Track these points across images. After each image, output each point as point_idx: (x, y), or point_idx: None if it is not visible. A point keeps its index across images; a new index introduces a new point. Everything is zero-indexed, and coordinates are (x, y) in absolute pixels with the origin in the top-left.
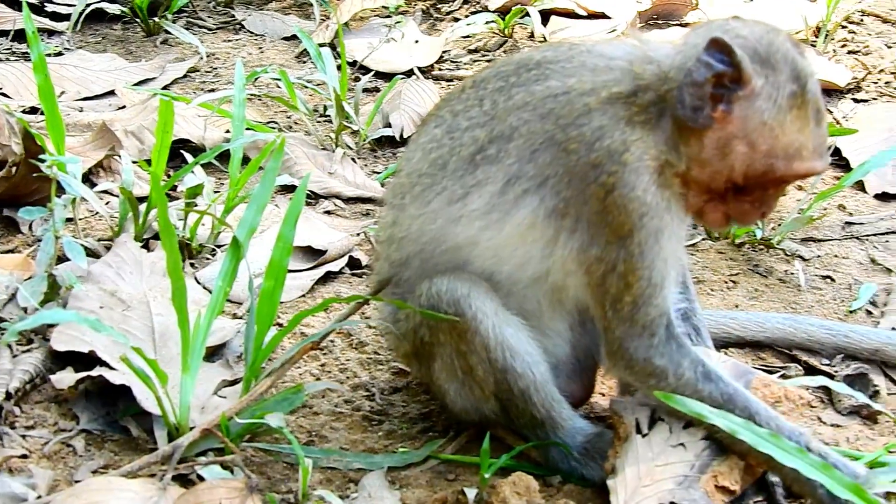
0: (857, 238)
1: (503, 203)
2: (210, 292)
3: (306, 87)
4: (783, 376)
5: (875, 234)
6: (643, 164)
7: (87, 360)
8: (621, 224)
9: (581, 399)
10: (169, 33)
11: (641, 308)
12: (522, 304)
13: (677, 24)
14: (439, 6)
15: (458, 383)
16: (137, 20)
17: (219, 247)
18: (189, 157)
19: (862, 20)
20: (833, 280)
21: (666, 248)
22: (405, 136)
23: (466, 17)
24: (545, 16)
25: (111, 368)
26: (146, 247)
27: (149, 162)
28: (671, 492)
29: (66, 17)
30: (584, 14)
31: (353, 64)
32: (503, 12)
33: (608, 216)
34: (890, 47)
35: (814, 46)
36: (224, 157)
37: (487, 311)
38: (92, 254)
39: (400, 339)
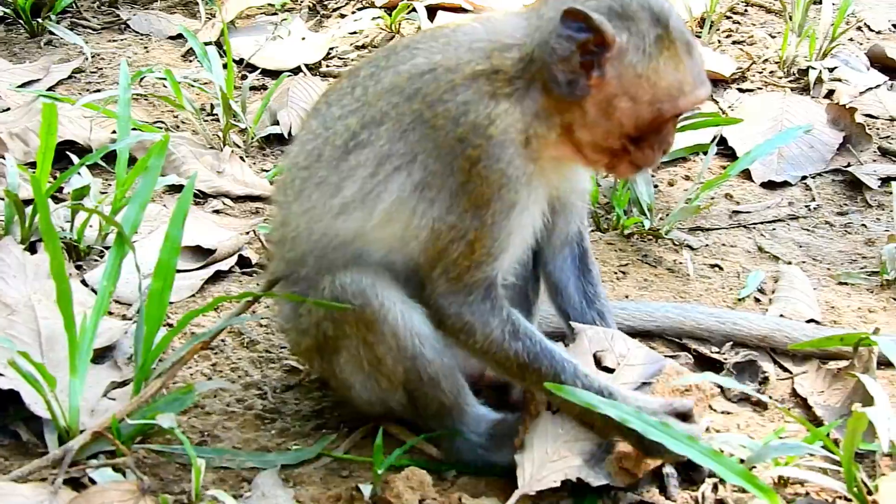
0: (744, 226)
1: (375, 185)
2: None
3: (193, 86)
4: None
5: (762, 223)
6: (508, 137)
7: None
8: (481, 194)
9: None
10: (53, 34)
11: (471, 271)
12: (418, 290)
13: None
14: (325, 3)
15: (365, 375)
16: (21, 21)
17: (107, 248)
18: (75, 159)
19: (746, 10)
20: (721, 268)
21: (514, 223)
22: (293, 133)
23: (353, 13)
24: (432, 11)
25: None
26: (33, 249)
27: (34, 164)
28: (578, 468)
29: None
30: (471, 9)
31: (239, 62)
32: (390, 8)
33: (470, 186)
34: (774, 37)
35: (699, 37)
36: (111, 158)
37: (394, 299)
38: None
39: (301, 335)
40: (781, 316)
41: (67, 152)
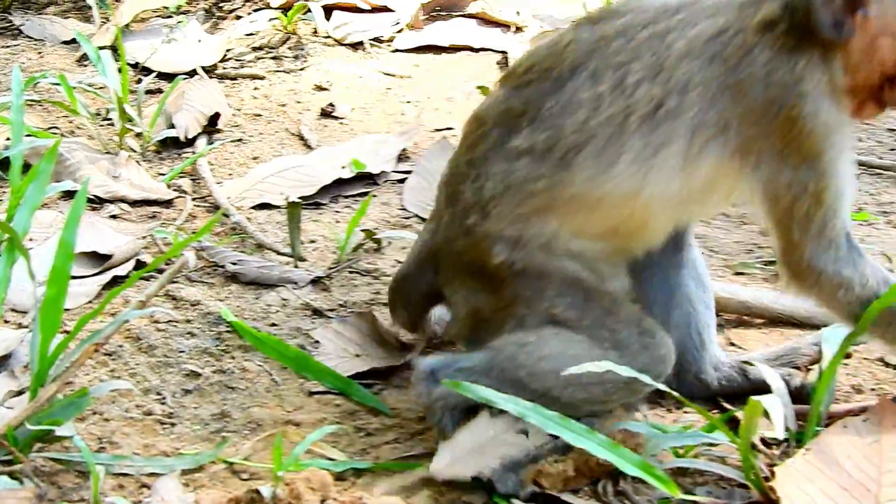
0: None
1: (691, 157)
2: None
3: (87, 91)
4: None
5: None
6: (820, 89)
7: None
8: (809, 148)
9: None
10: None
11: (829, 222)
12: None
13: (461, 15)
14: (221, 5)
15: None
16: None
17: None
18: None
19: None
20: None
21: (847, 162)
22: (189, 136)
23: (249, 14)
24: (328, 11)
25: None
26: None
27: None
28: (493, 469)
29: None
30: (368, 8)
31: (135, 66)
32: (285, 9)
33: (795, 143)
34: None
35: None
36: (4, 165)
37: None
38: None
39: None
40: None
41: None
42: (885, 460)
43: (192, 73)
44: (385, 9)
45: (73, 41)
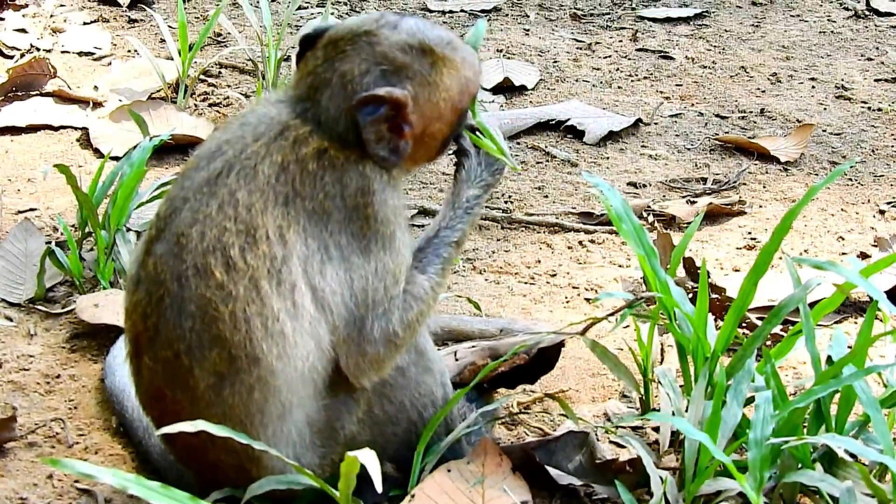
0: None
1: (315, 288)
2: None
3: None
4: None
5: None
6: (384, 181)
7: None
8: (384, 233)
9: None
10: None
11: (391, 289)
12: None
13: (39, 94)
14: None
15: None
16: None
17: None
18: None
19: (220, 73)
20: None
21: (407, 233)
22: None
23: None
24: None
25: None
26: None
27: None
28: None
29: None
30: None
31: None
32: None
33: (374, 233)
34: (248, 96)
35: (174, 103)
36: None
37: None
38: None
39: None
40: None
41: None
42: (488, 500)
43: None
44: None
45: None
